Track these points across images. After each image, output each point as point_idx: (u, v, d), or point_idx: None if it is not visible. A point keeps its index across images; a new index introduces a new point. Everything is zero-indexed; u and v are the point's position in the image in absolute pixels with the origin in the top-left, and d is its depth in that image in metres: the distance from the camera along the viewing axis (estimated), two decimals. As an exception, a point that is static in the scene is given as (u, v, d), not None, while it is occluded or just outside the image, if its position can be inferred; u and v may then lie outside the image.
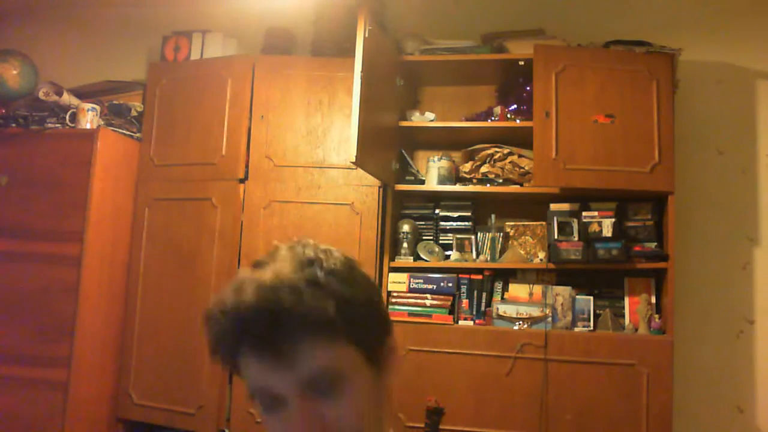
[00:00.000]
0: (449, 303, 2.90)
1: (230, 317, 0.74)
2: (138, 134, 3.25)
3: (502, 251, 2.95)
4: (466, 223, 3.05)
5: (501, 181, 2.97)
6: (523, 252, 2.95)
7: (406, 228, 3.00)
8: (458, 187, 3.02)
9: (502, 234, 2.99)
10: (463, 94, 3.27)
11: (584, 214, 2.80)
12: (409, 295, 2.92)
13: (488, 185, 2.98)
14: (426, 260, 2.97)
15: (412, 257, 2.98)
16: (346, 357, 0.75)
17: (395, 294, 2.93)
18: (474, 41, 3.10)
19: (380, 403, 0.80)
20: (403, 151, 3.11)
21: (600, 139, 2.71)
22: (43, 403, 2.87)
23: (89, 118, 3.09)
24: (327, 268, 0.76)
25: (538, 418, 2.65)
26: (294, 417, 0.73)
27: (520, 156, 2.98)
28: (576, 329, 2.79)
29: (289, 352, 0.72)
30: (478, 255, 2.99)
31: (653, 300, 2.77)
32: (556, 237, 2.79)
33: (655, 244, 2.76)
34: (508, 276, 2.95)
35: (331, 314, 0.73)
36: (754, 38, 3.09)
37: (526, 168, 2.94)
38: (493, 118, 3.01)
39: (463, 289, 2.92)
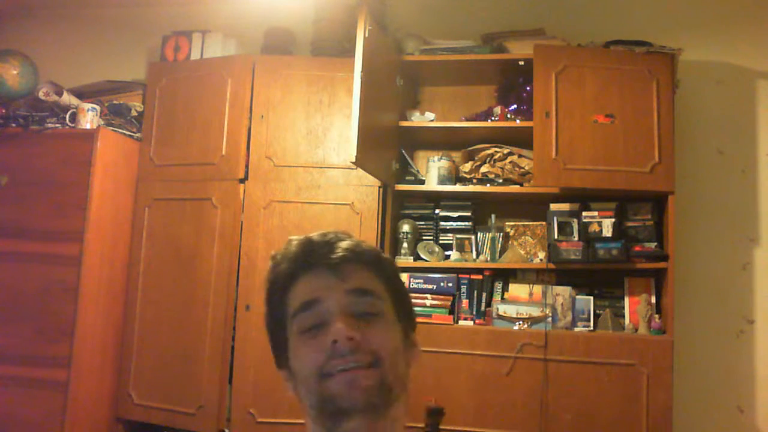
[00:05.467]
0: (449, 303, 2.90)
1: (298, 245, 0.85)
2: (138, 134, 3.25)
3: (502, 251, 2.95)
4: (466, 223, 3.04)
5: (501, 181, 2.97)
6: (523, 252, 2.95)
7: (406, 228, 3.00)
8: (458, 187, 3.02)
9: (502, 234, 2.98)
10: (463, 94, 3.27)
11: (584, 214, 2.80)
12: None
13: (488, 185, 2.98)
14: (426, 260, 2.97)
15: (412, 257, 2.98)
16: (386, 299, 0.85)
17: (395, 294, 2.92)
18: (474, 41, 3.10)
19: (406, 365, 0.84)
20: (403, 151, 3.11)
21: (600, 139, 2.71)
22: (43, 403, 2.87)
23: (89, 118, 3.08)
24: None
25: (538, 418, 2.65)
26: (334, 326, 0.79)
27: (520, 156, 2.98)
28: (576, 329, 2.79)
29: (344, 270, 0.82)
30: (478, 255, 2.99)
31: (653, 300, 2.77)
32: (556, 237, 2.79)
33: (655, 244, 2.76)
34: (508, 276, 2.95)
35: (381, 258, 0.88)
36: (754, 38, 3.10)
37: (526, 168, 2.94)
38: (493, 118, 3.01)
39: (463, 289, 2.92)
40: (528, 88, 2.93)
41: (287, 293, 0.84)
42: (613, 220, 2.75)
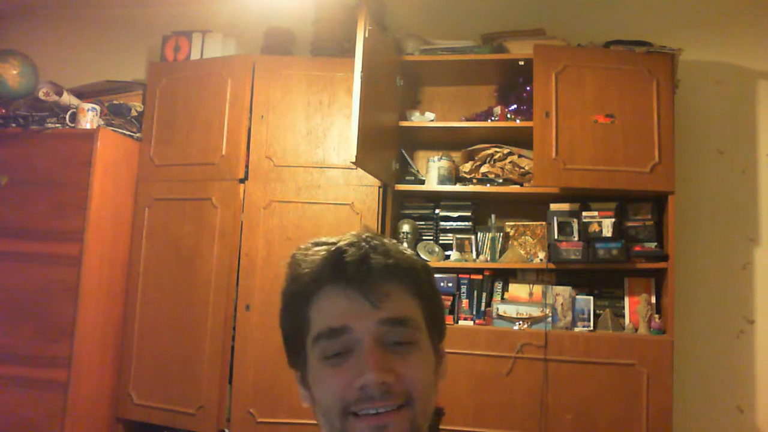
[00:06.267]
0: (449, 303, 2.91)
1: (324, 253, 0.76)
2: (138, 134, 3.25)
3: (502, 251, 2.95)
4: (466, 223, 3.04)
5: (501, 181, 2.97)
6: (523, 252, 2.95)
7: (406, 228, 3.00)
8: (458, 187, 3.02)
9: (502, 234, 2.99)
10: (463, 94, 3.27)
11: (584, 214, 2.80)
12: (409, 295, 2.91)
13: (488, 185, 2.98)
14: (426, 260, 2.97)
15: (412, 257, 2.98)
16: (420, 325, 0.77)
17: (395, 294, 2.92)
18: (474, 41, 3.10)
19: (436, 393, 0.79)
20: (403, 151, 3.11)
21: (600, 139, 2.71)
22: (43, 403, 2.87)
23: (89, 118, 3.08)
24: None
25: (538, 418, 2.65)
26: (364, 360, 0.72)
27: (520, 156, 2.98)
28: (576, 329, 2.79)
29: (377, 291, 0.74)
30: (478, 255, 2.99)
31: (653, 300, 2.77)
32: (556, 237, 2.79)
33: (655, 244, 2.76)
34: (508, 276, 2.95)
35: (417, 268, 0.79)
36: (754, 38, 3.09)
37: (526, 168, 2.94)
38: (493, 118, 3.01)
39: (463, 289, 2.92)
40: (528, 88, 2.93)
41: (309, 304, 0.77)
42: (613, 220, 2.75)
